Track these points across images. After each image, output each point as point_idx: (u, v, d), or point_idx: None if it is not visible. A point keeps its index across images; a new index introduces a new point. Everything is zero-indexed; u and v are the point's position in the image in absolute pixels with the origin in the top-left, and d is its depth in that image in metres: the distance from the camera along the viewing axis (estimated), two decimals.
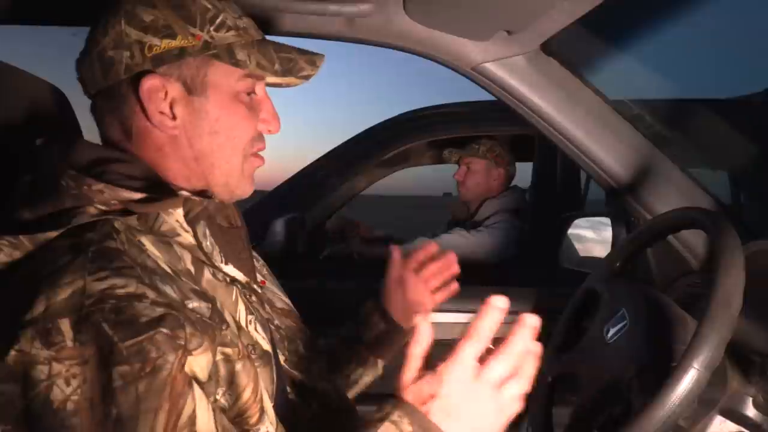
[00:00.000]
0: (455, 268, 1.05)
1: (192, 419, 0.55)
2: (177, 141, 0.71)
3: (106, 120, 0.72)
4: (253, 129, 0.75)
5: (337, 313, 1.23)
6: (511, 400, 0.63)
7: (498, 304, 0.64)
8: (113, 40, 0.67)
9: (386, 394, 0.63)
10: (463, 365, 0.62)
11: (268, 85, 0.79)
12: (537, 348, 0.64)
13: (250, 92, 0.74)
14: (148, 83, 0.67)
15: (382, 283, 1.08)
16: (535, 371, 0.64)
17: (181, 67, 0.69)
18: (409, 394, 0.62)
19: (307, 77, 0.78)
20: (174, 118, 0.70)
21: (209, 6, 0.70)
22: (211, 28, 0.69)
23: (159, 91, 0.68)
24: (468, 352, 0.63)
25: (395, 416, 0.60)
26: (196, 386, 0.56)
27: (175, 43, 0.67)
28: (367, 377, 1.06)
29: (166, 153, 0.71)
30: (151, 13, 0.67)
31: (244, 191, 0.77)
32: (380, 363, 1.06)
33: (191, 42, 0.68)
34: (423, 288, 1.03)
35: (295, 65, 0.74)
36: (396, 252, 1.05)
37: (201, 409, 0.56)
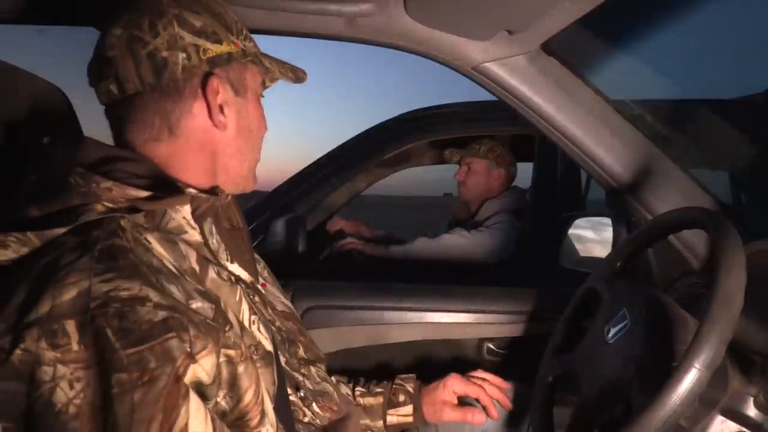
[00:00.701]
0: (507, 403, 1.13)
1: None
2: (221, 138, 0.76)
3: (143, 118, 0.72)
4: (265, 126, 0.83)
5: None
6: None
7: None
8: (167, 41, 0.69)
9: None
10: None
11: None
12: None
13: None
14: (214, 82, 0.72)
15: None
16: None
17: (228, 70, 0.75)
18: None
19: (273, 80, 0.88)
20: (224, 117, 0.75)
21: (236, 18, 0.77)
22: (242, 38, 0.76)
23: (216, 92, 0.73)
24: None
25: None
26: (193, 398, 0.56)
27: (223, 48, 0.73)
28: None
29: (207, 149, 0.75)
30: (199, 19, 0.72)
31: (251, 185, 0.83)
32: None
33: (233, 48, 0.74)
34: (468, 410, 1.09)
35: (296, 72, 0.84)
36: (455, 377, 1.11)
37: (196, 421, 0.56)
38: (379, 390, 1.08)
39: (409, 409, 1.07)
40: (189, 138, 0.73)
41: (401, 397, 1.08)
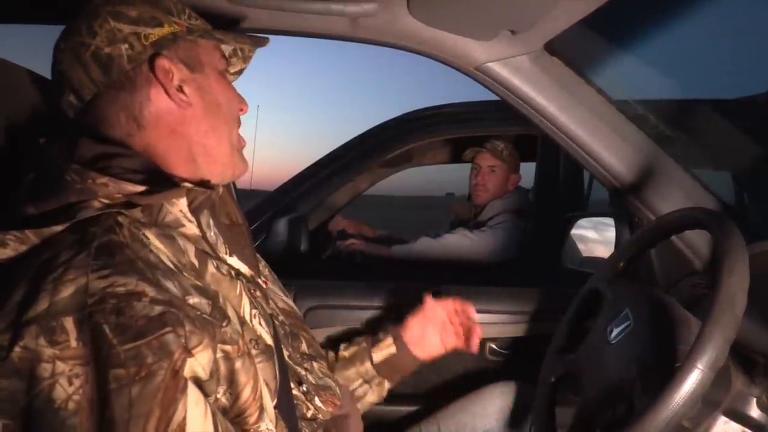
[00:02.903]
0: (476, 328, 1.13)
1: (182, 426, 0.55)
2: (190, 118, 0.75)
3: (109, 117, 0.72)
4: (238, 102, 0.81)
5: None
6: None
7: None
8: (106, 38, 0.70)
9: None
10: None
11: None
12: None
13: (226, 72, 0.81)
14: (161, 64, 0.71)
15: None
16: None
17: (177, 50, 0.74)
18: None
19: (240, 72, 0.88)
20: (186, 95, 0.74)
21: (176, 0, 0.77)
22: (185, 17, 0.76)
23: (169, 73, 0.72)
24: None
25: None
26: (191, 392, 0.56)
27: (165, 30, 0.72)
28: (371, 396, 1.10)
29: (179, 132, 0.74)
30: (134, 9, 0.72)
31: (242, 168, 0.81)
32: (386, 384, 1.11)
33: (177, 28, 0.73)
34: (446, 330, 1.13)
35: (261, 39, 0.82)
36: (428, 298, 1.14)
37: (195, 414, 0.56)
38: (359, 339, 1.12)
39: (389, 341, 1.10)
40: (157, 125, 0.73)
41: (380, 335, 1.12)
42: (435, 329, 1.12)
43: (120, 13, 0.71)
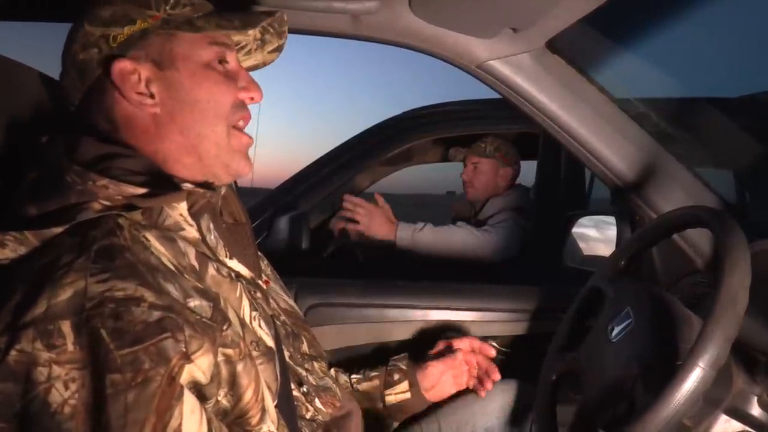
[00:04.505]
0: (494, 371, 1.15)
1: None
2: (160, 118, 0.72)
3: (94, 123, 0.73)
4: (232, 96, 0.75)
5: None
6: None
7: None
8: (81, 43, 0.71)
9: None
10: None
11: (250, 69, 0.84)
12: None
13: (222, 61, 0.76)
14: (117, 67, 0.70)
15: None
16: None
17: (147, 47, 0.71)
18: None
19: (278, 49, 0.82)
20: (152, 96, 0.72)
21: None
22: (167, 7, 0.72)
23: (132, 74, 0.71)
24: None
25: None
26: (187, 399, 0.56)
27: (135, 27, 0.70)
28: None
29: (153, 133, 0.72)
30: (109, 8, 0.71)
31: (240, 167, 0.77)
32: (394, 424, 1.13)
33: (149, 23, 0.71)
34: (461, 371, 1.14)
35: (255, 18, 0.76)
36: (449, 342, 1.16)
37: (190, 423, 0.56)
38: (374, 374, 1.10)
39: (405, 385, 1.08)
40: (129, 127, 0.72)
41: (396, 376, 1.09)
42: (450, 371, 1.13)
43: (95, 15, 0.71)
